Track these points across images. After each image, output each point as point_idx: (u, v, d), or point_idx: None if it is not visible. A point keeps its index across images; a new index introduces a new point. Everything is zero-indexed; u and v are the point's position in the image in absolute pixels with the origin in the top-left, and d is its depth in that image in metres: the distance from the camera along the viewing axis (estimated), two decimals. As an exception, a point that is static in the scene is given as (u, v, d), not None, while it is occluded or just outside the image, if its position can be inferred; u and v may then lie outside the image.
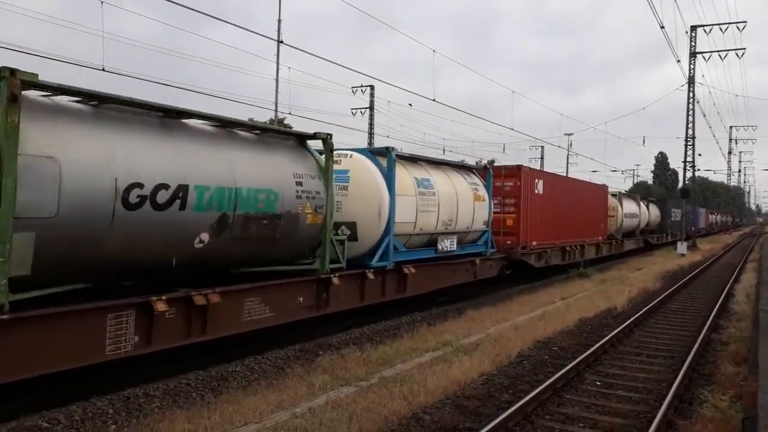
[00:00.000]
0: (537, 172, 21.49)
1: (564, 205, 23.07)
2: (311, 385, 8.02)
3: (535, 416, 7.09)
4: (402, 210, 12.90)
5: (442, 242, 14.66)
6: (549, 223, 21.49)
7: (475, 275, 16.63)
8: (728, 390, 8.04)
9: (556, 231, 22.28)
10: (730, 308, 15.48)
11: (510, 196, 19.52)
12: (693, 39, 38.65)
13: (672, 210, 47.99)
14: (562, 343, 10.84)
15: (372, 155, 12.81)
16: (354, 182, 12.43)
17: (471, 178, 16.70)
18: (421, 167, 14.51)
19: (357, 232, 12.33)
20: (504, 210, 19.38)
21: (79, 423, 7.05)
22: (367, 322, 13.16)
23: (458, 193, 15.25)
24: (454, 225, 15.03)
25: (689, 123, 39.46)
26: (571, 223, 23.67)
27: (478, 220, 16.34)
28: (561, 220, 22.65)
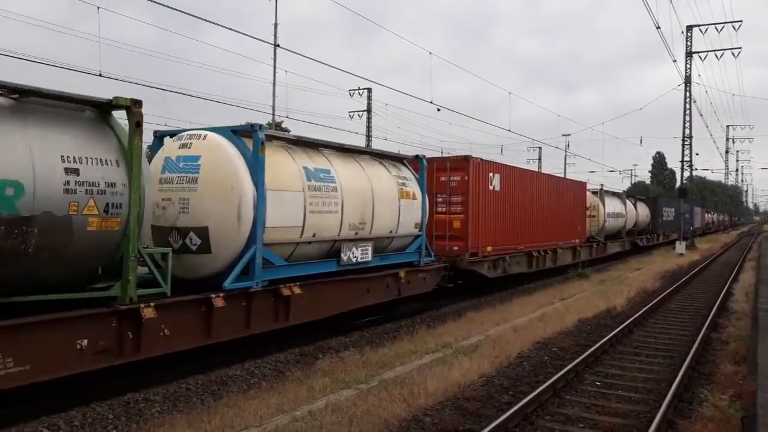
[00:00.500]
0: (492, 165, 18.09)
1: (530, 204, 20.44)
2: (311, 389, 8.02)
3: (535, 417, 7.09)
4: (280, 210, 9.81)
5: (348, 252, 11.54)
6: (509, 224, 18.83)
7: (399, 292, 13.30)
8: (728, 389, 8.05)
9: (519, 234, 19.57)
10: (729, 307, 15.50)
11: (457, 193, 16.62)
12: (689, 39, 38.75)
13: (664, 209, 45.00)
14: (562, 344, 10.85)
15: (236, 136, 9.67)
16: (206, 172, 9.21)
17: (398, 170, 13.68)
18: (319, 155, 11.38)
19: (210, 241, 9.10)
20: (450, 210, 16.59)
21: (79, 428, 7.05)
22: (367, 324, 13.16)
23: (375, 189, 12.19)
24: (368, 229, 12.02)
25: (686, 122, 39.53)
26: (539, 225, 21.09)
27: (406, 222, 13.33)
28: (526, 221, 20.03)
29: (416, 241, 14.13)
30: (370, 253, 12.25)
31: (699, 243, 46.24)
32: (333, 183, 11.12)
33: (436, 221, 16.41)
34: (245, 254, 9.28)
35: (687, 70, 39.05)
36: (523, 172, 21.05)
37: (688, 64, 39.04)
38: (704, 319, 13.18)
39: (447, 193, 16.72)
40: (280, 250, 10.11)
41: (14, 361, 6.54)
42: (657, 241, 43.28)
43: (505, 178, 18.63)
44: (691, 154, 40.64)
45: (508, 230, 18.76)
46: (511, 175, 19.27)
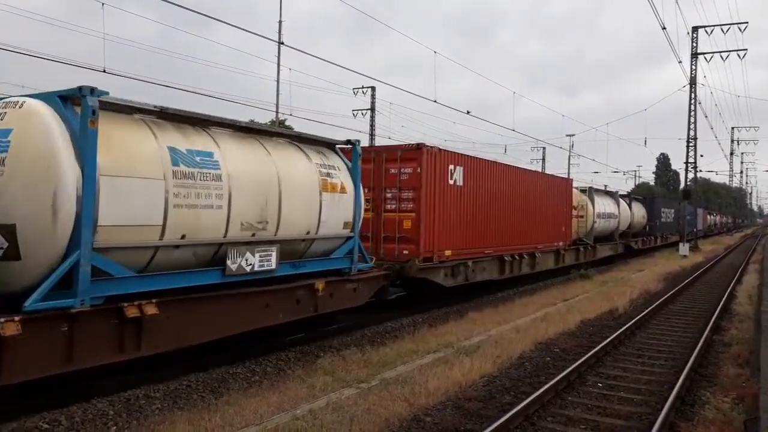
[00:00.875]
0: (453, 156, 15.72)
1: (501, 201, 18.18)
2: (312, 387, 8.02)
3: (536, 418, 7.07)
4: (125, 204, 7.32)
5: (239, 258, 8.94)
6: (474, 225, 16.44)
7: (316, 307, 10.62)
8: (730, 392, 8.02)
9: (488, 235, 17.21)
10: (732, 309, 15.45)
11: (408, 188, 14.33)
12: (694, 40, 38.64)
13: (662, 210, 42.37)
14: (564, 345, 10.82)
15: (65, 104, 7.10)
16: (17, 150, 6.84)
17: (324, 157, 11.07)
18: (202, 134, 8.71)
19: (18, 244, 6.72)
20: (400, 207, 14.35)
21: (79, 424, 7.05)
22: (368, 323, 13.15)
23: (284, 179, 9.67)
24: (272, 230, 9.50)
25: (691, 124, 39.45)
26: (514, 225, 18.85)
27: (332, 221, 10.81)
28: (496, 221, 17.75)
29: (346, 245, 11.38)
30: (274, 259, 9.52)
31: (702, 245, 46.10)
32: (215, 169, 8.39)
33: (384, 220, 14.43)
34: (67, 261, 6.77)
35: (692, 71, 38.97)
36: (493, 165, 18.43)
37: (694, 65, 38.97)
38: (707, 321, 13.13)
39: (397, 187, 14.47)
40: (127, 256, 7.50)
41: None
42: (654, 243, 40.76)
43: (470, 171, 16.26)
44: (696, 156, 40.59)
45: (474, 231, 16.44)
46: (478, 168, 16.90)
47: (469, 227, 16.24)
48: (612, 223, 30.63)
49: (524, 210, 19.77)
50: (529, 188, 20.48)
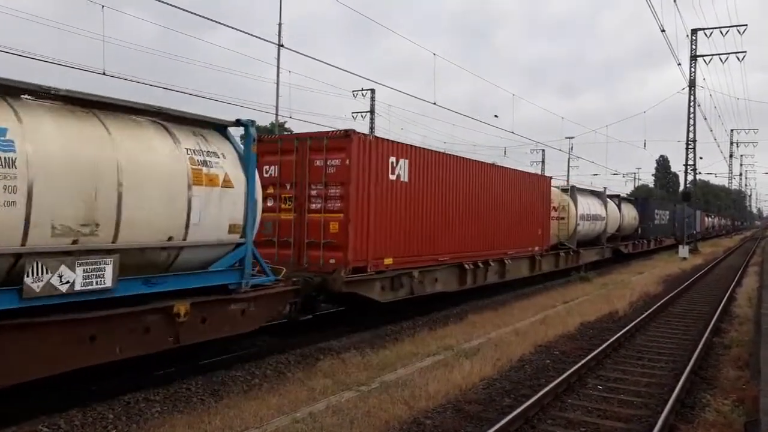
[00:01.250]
0: (393, 146, 13.21)
1: (461, 201, 15.86)
2: (312, 390, 8.01)
3: (536, 420, 7.06)
4: None
5: (46, 274, 6.54)
6: (425, 228, 14.12)
7: (178, 337, 8.20)
8: (730, 394, 8.02)
9: (443, 240, 14.89)
10: (732, 312, 15.44)
11: (336, 184, 11.93)
12: (694, 42, 38.70)
13: (656, 211, 40.17)
14: (564, 348, 10.82)
15: None
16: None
17: (200, 141, 8.68)
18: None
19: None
20: (327, 207, 11.96)
21: (79, 428, 7.04)
22: (368, 326, 13.13)
23: (125, 166, 7.32)
24: (107, 234, 7.17)
25: (690, 126, 39.48)
26: (477, 229, 16.61)
27: (208, 223, 8.45)
28: (455, 224, 15.53)
29: (234, 254, 9.04)
30: (109, 275, 7.13)
31: (702, 247, 46.06)
32: (6, 151, 6.23)
33: (308, 223, 12.10)
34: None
35: (692, 73, 39.01)
36: (449, 158, 15.88)
37: (693, 67, 39.01)
38: (707, 323, 13.13)
39: (323, 183, 12.04)
40: None
41: None
42: (647, 247, 38.05)
43: (419, 165, 13.94)
44: (695, 158, 40.60)
45: (424, 236, 14.07)
46: (429, 161, 14.45)
47: (418, 231, 13.88)
48: (598, 225, 28.14)
49: (490, 211, 17.52)
50: (497, 186, 18.14)
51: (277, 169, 12.66)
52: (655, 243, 40.38)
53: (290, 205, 12.37)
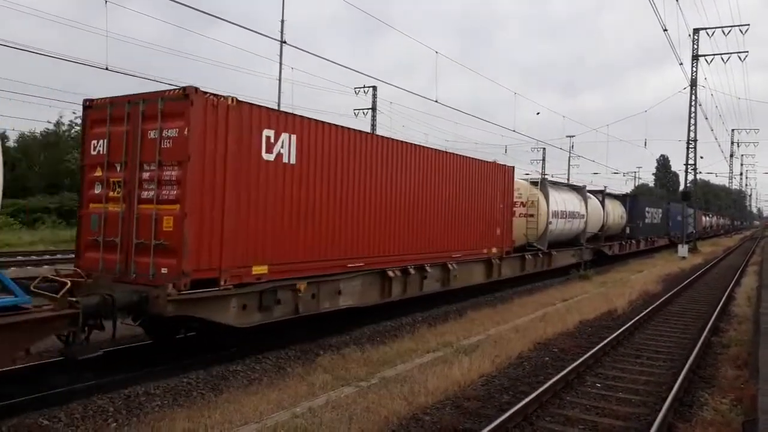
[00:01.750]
0: (271, 116, 9.95)
1: (384, 193, 12.75)
2: (311, 385, 8.03)
3: (535, 418, 7.09)
4: None
5: None
6: (324, 225, 11.01)
7: None
8: (728, 393, 8.04)
9: (354, 240, 11.84)
10: (730, 311, 15.47)
11: (171, 163, 8.71)
12: (695, 42, 38.65)
13: (646, 209, 37.37)
14: (563, 345, 10.84)
15: None
16: None
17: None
18: None
19: None
20: (160, 195, 8.76)
21: (79, 421, 7.07)
22: (368, 322, 13.16)
23: None
24: None
25: (691, 126, 39.45)
26: (410, 226, 13.65)
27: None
28: (376, 220, 12.49)
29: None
30: None
31: (701, 246, 46.01)
32: None
33: (139, 217, 8.87)
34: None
35: (693, 73, 38.98)
36: (367, 138, 12.62)
37: (695, 67, 38.97)
38: (706, 322, 13.16)
39: (156, 162, 8.81)
40: None
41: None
42: (636, 248, 35.10)
43: (314, 144, 10.72)
44: (696, 158, 40.58)
45: (321, 235, 10.90)
46: (332, 141, 11.23)
47: (311, 229, 10.66)
48: (576, 224, 25.04)
49: (429, 205, 14.40)
50: (439, 175, 14.88)
51: (105, 145, 9.32)
52: (646, 243, 37.75)
53: (119, 193, 9.11)
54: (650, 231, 38.55)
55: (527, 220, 21.11)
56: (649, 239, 38.54)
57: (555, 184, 24.72)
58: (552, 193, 22.56)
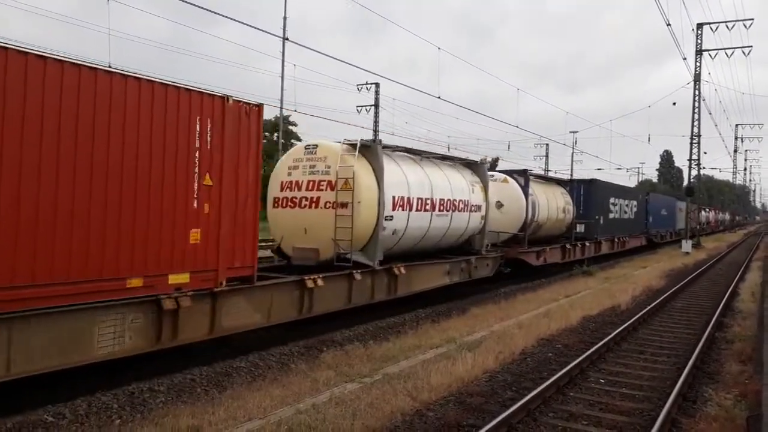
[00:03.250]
0: None
1: None
2: (315, 381, 8.04)
3: (538, 413, 7.09)
4: None
5: None
6: None
7: None
8: (732, 388, 8.03)
9: None
10: (734, 306, 15.44)
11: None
12: (699, 36, 38.49)
13: (611, 201, 28.88)
14: (566, 341, 10.83)
15: None
16: None
17: None
18: None
19: None
20: None
21: (84, 417, 7.10)
22: (371, 319, 13.16)
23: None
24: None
25: (695, 121, 39.31)
26: None
27: None
28: None
29: None
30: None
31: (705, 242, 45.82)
32: None
33: None
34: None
35: (697, 68, 38.82)
36: None
37: (698, 62, 38.81)
38: (709, 318, 13.13)
39: None
40: None
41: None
42: (593, 253, 26.64)
43: None
44: (699, 153, 40.44)
45: None
46: None
47: None
48: (463, 221, 16.19)
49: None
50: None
51: None
52: (613, 245, 29.51)
53: None
54: (618, 229, 30.06)
55: (337, 213, 12.33)
56: (618, 240, 30.12)
57: (405, 154, 14.83)
58: (393, 167, 13.50)
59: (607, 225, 28.27)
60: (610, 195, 29.03)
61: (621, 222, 30.79)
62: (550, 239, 23.56)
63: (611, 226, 28.90)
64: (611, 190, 29.81)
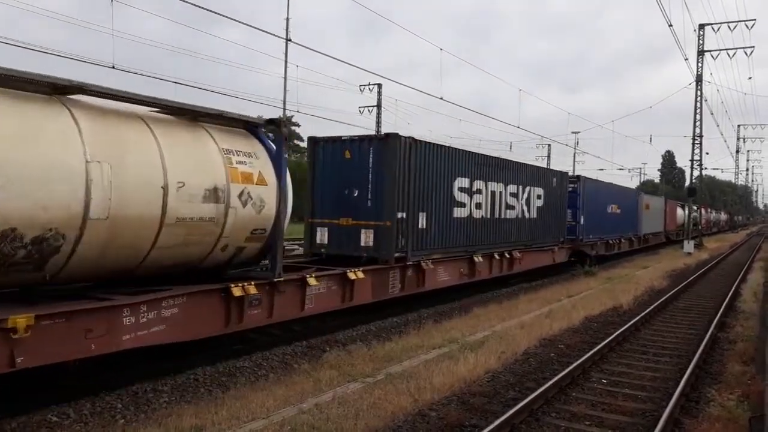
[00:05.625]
0: None
1: None
2: (318, 381, 8.06)
3: (541, 414, 7.10)
4: None
5: None
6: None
7: None
8: (735, 389, 8.03)
9: None
10: (737, 307, 15.44)
11: None
12: (701, 37, 38.46)
13: (457, 185, 14.79)
14: (569, 341, 10.84)
15: None
16: None
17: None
18: None
19: None
20: None
21: (88, 417, 7.12)
22: (374, 318, 13.18)
23: None
24: None
25: (697, 121, 39.28)
26: None
27: None
28: None
29: None
30: None
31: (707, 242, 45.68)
32: None
33: None
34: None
35: (699, 68, 38.81)
36: None
37: (700, 62, 38.79)
38: (712, 318, 13.13)
39: None
40: None
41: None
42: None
43: None
44: (701, 153, 40.41)
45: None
46: None
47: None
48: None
49: None
50: None
51: None
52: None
53: None
54: (480, 236, 16.28)
55: None
56: (468, 262, 15.82)
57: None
58: None
59: (445, 231, 14.58)
60: (451, 166, 14.77)
61: (489, 225, 16.62)
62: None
63: (449, 233, 14.76)
64: (454, 159, 14.91)
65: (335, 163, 13.58)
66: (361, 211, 13.13)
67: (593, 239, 25.93)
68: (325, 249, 13.55)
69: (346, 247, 13.24)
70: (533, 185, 19.84)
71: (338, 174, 13.50)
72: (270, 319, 9.81)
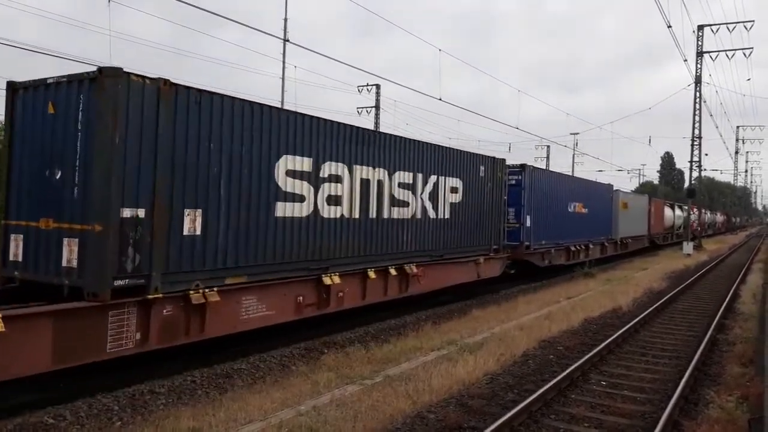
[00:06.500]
0: None
1: None
2: (316, 383, 8.03)
3: (540, 416, 7.07)
4: None
5: None
6: None
7: None
8: (734, 391, 8.01)
9: None
10: (736, 308, 15.41)
11: None
12: (700, 38, 38.48)
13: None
14: (567, 343, 10.81)
15: None
16: None
17: None
18: None
19: None
20: None
21: (84, 419, 7.08)
22: (372, 320, 13.16)
23: None
24: None
25: (696, 123, 39.29)
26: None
27: None
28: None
29: None
30: None
31: (706, 244, 45.70)
32: None
33: None
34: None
35: (698, 69, 38.81)
36: None
37: (699, 63, 38.80)
38: (711, 320, 13.11)
39: None
40: None
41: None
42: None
43: None
44: (701, 155, 40.38)
45: None
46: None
47: None
48: None
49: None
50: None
51: None
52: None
53: None
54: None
55: None
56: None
57: None
58: None
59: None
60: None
61: (358, 229, 11.96)
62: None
63: (267, 241, 9.82)
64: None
65: (36, 123, 8.31)
66: (65, 206, 7.83)
67: (547, 245, 20.91)
68: (18, 271, 8.25)
69: (43, 269, 7.95)
70: (444, 174, 14.74)
71: (40, 142, 8.22)
72: None
